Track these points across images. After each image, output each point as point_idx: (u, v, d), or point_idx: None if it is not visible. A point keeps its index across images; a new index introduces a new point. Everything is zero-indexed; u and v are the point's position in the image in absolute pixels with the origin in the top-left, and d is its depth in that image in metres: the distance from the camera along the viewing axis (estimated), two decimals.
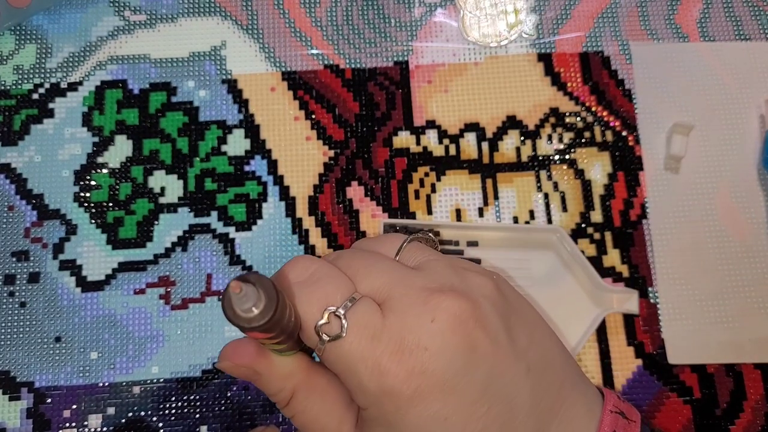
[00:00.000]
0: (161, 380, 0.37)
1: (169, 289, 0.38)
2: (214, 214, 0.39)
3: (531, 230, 0.38)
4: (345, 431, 0.26)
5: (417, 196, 0.39)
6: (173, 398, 0.36)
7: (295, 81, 0.41)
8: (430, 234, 0.30)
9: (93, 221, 0.39)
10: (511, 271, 0.38)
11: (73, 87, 0.40)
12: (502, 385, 0.24)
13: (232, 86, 0.41)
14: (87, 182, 0.39)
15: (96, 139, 0.40)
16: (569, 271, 0.38)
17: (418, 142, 0.40)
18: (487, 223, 0.39)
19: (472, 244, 0.38)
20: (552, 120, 0.40)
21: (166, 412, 0.36)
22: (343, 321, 0.23)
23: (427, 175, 0.40)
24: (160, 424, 0.36)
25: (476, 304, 0.24)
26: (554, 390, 0.25)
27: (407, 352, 0.23)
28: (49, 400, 0.36)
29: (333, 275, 0.25)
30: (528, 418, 0.24)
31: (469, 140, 0.40)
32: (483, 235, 0.38)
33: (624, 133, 0.40)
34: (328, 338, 0.23)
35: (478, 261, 0.38)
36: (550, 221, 0.39)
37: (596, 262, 0.38)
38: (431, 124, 0.40)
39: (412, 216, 0.39)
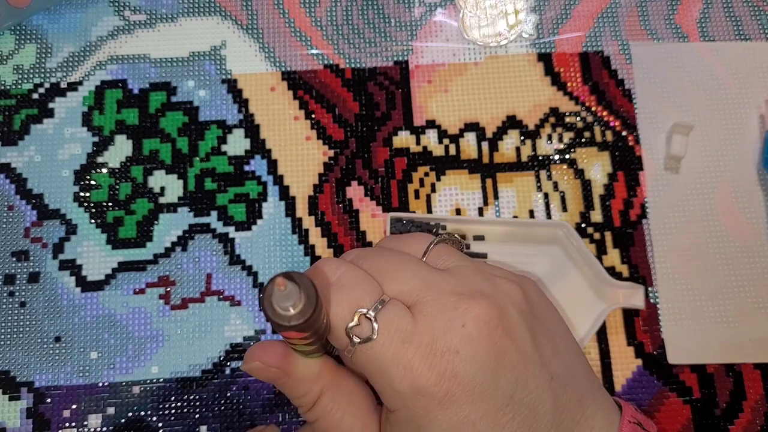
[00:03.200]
0: (161, 380, 0.37)
1: (168, 289, 0.38)
2: (214, 213, 0.39)
3: (537, 225, 0.38)
4: None
5: (417, 196, 0.39)
6: (173, 398, 0.36)
7: (295, 81, 0.41)
8: (456, 236, 0.30)
9: (93, 221, 0.39)
10: (517, 265, 0.38)
11: (73, 87, 0.40)
12: (527, 393, 0.24)
13: (232, 86, 0.41)
14: (87, 182, 0.39)
15: (96, 139, 0.40)
16: (575, 266, 0.38)
17: (418, 142, 0.40)
18: (494, 218, 0.39)
19: (479, 238, 0.38)
20: (552, 120, 0.40)
21: (166, 412, 0.36)
22: (374, 323, 0.23)
23: (427, 174, 0.40)
24: (160, 424, 0.36)
25: (504, 311, 0.24)
26: (575, 400, 0.25)
27: (438, 355, 0.23)
28: (48, 400, 0.36)
29: (361, 278, 0.25)
30: (550, 427, 0.24)
31: (469, 140, 0.40)
32: (489, 229, 0.38)
33: (624, 133, 0.40)
34: (359, 340, 0.23)
35: (484, 255, 0.38)
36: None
37: None
38: (431, 123, 0.40)
39: None
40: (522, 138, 0.40)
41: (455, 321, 0.23)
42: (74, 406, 0.36)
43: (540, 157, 0.40)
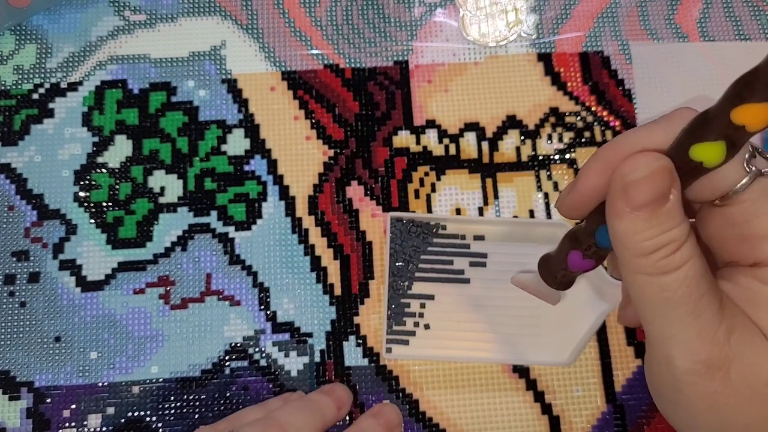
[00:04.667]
0: (161, 380, 0.37)
1: (168, 289, 0.38)
2: (214, 213, 0.39)
3: (537, 225, 0.38)
4: (725, 297, 0.21)
5: (417, 196, 0.39)
6: (173, 398, 0.36)
7: (295, 81, 0.41)
8: None
9: (93, 221, 0.39)
10: (518, 265, 0.37)
11: (73, 87, 0.40)
12: None
13: (232, 86, 0.41)
14: (87, 182, 0.39)
15: (96, 139, 0.40)
16: None
17: (418, 142, 0.40)
18: (494, 218, 0.39)
19: (479, 238, 0.38)
20: (552, 120, 0.40)
21: (166, 412, 0.36)
22: None
23: (427, 174, 0.40)
24: (160, 424, 0.36)
25: None
26: None
27: None
28: (48, 400, 0.36)
29: None
30: None
31: (469, 140, 0.40)
32: (489, 229, 0.38)
33: None
34: (757, 171, 0.20)
35: (484, 255, 0.38)
36: None
37: None
38: (431, 123, 0.40)
39: None
40: (522, 138, 0.40)
41: None
42: (74, 406, 0.36)
43: (540, 157, 0.40)
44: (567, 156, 0.40)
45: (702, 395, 0.20)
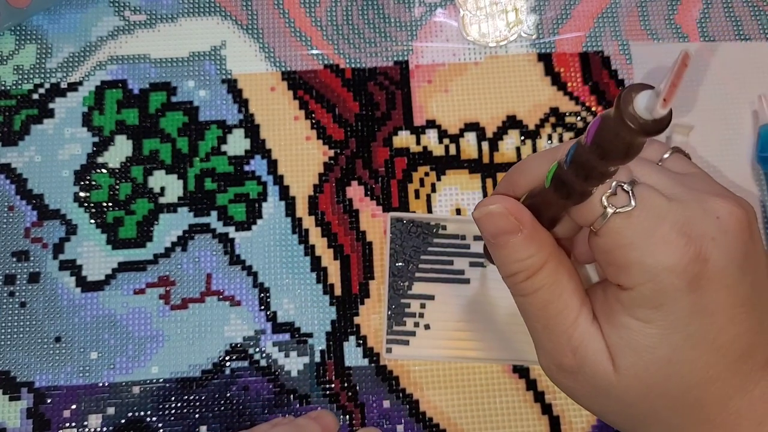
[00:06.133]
0: (161, 380, 0.37)
1: (168, 289, 0.38)
2: (214, 213, 0.39)
3: None
4: (584, 314, 0.24)
5: (417, 196, 0.39)
6: (173, 398, 0.36)
7: (295, 81, 0.41)
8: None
9: (93, 221, 0.39)
10: None
11: (73, 87, 0.40)
12: (761, 299, 0.24)
13: (232, 86, 0.41)
14: (87, 182, 0.39)
15: (96, 139, 0.40)
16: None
17: (418, 142, 0.40)
18: None
19: (479, 238, 0.38)
20: (552, 120, 0.40)
21: (166, 412, 0.36)
22: (631, 195, 0.22)
23: (427, 174, 0.40)
24: (160, 424, 0.36)
25: (751, 216, 0.24)
26: None
27: (694, 237, 0.22)
28: (49, 400, 0.36)
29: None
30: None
31: (469, 140, 0.40)
32: None
33: None
34: (613, 209, 0.22)
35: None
36: None
37: None
38: (431, 123, 0.40)
39: None
40: (522, 138, 0.40)
41: (709, 212, 0.23)
42: (74, 407, 0.36)
43: None
44: None
45: (563, 386, 0.25)
